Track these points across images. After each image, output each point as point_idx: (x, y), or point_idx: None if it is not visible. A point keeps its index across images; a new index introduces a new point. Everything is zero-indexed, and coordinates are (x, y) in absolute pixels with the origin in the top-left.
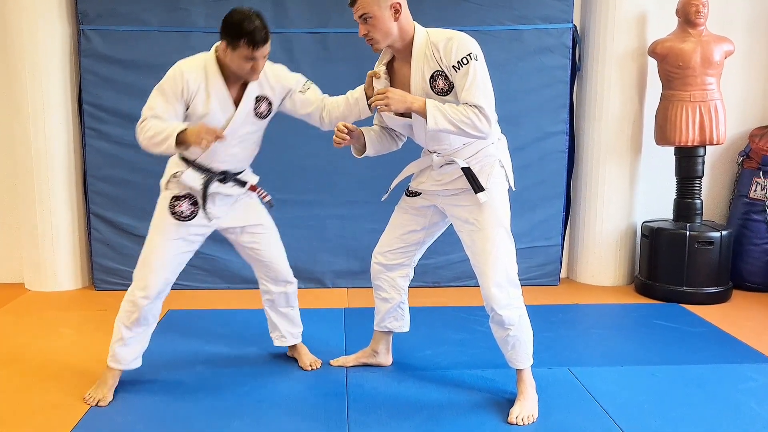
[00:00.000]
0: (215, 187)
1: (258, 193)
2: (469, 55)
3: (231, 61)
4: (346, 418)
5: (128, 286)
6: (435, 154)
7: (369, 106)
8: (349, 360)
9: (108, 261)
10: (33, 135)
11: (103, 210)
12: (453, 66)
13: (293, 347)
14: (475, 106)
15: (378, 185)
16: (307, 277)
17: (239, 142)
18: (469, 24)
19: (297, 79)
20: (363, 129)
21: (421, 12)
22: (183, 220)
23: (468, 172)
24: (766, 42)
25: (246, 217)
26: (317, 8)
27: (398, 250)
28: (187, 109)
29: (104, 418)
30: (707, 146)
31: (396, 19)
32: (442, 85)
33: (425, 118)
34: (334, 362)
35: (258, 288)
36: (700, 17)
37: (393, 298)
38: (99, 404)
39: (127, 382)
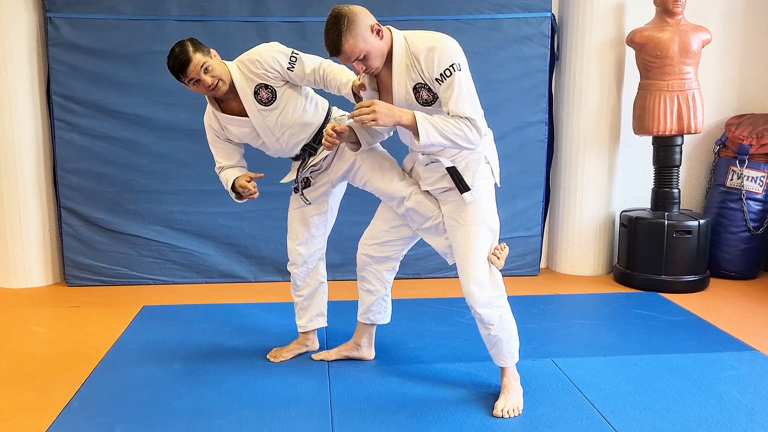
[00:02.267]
0: (307, 170)
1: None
2: (451, 66)
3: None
4: (329, 413)
5: (101, 282)
6: (420, 152)
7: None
8: (331, 354)
9: (80, 256)
10: (0, 127)
11: (75, 204)
12: (436, 79)
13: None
14: (466, 118)
15: None
16: (286, 270)
17: (279, 128)
18: (449, 13)
19: (282, 58)
20: (351, 125)
21: (401, 2)
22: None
23: (453, 172)
24: (742, 31)
25: (345, 161)
26: None
27: (388, 243)
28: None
29: (81, 419)
30: (684, 135)
31: (381, 38)
32: (426, 96)
33: (415, 132)
34: (315, 356)
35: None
36: (677, 6)
37: (378, 290)
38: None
39: (104, 381)
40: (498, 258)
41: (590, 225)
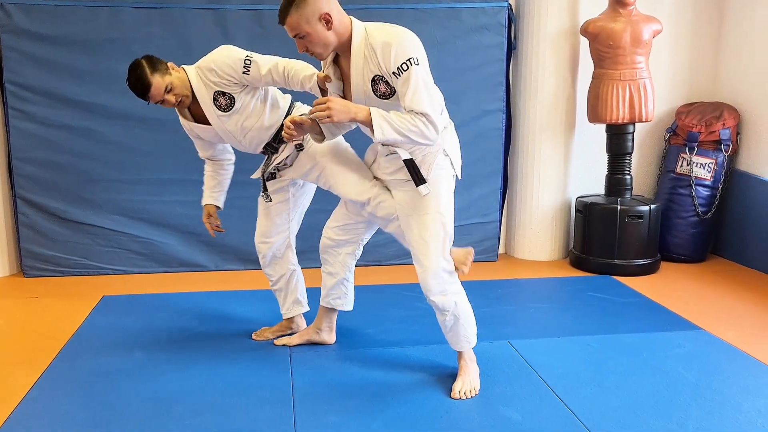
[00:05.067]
0: (272, 167)
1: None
2: (408, 60)
3: None
4: (291, 397)
5: (59, 272)
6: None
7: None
8: (293, 339)
9: (37, 247)
10: None
11: (31, 194)
12: (393, 72)
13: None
14: (421, 113)
15: None
16: (248, 258)
17: (240, 131)
18: (408, 2)
19: (236, 64)
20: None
21: None
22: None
23: (410, 164)
24: (691, 22)
25: (305, 162)
26: None
27: (347, 226)
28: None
29: (41, 408)
30: (636, 123)
31: (330, 29)
32: (384, 89)
33: (371, 128)
34: (278, 341)
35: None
36: None
37: (338, 272)
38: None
39: (64, 370)
40: (465, 265)
41: (547, 211)
